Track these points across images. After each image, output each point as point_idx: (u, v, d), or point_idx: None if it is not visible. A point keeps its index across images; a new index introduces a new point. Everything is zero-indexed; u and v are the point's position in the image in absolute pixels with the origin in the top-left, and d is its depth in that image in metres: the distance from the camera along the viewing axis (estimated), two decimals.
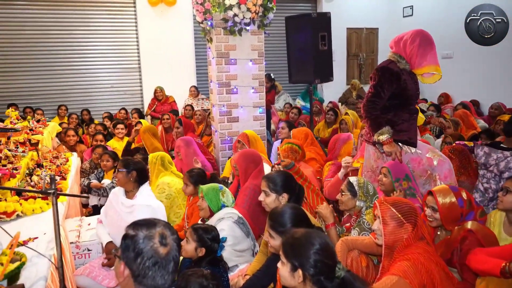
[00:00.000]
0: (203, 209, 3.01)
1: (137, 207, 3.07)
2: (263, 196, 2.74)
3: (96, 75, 8.67)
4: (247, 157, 3.64)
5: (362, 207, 2.87)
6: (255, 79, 5.32)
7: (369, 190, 2.92)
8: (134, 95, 8.95)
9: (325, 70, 5.69)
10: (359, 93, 9.43)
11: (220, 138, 5.33)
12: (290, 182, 2.75)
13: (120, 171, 3.14)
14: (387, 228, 2.19)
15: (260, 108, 5.39)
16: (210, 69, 5.46)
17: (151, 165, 4.01)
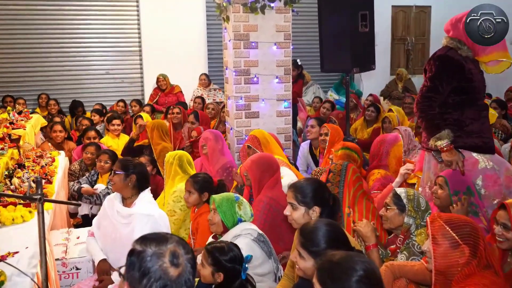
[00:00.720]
0: (214, 224, 2.99)
1: (135, 216, 3.08)
2: (290, 209, 2.72)
3: (88, 60, 8.82)
4: (261, 164, 3.63)
5: (411, 224, 2.84)
6: (280, 67, 5.31)
7: (420, 204, 2.87)
8: (133, 84, 9.07)
9: (365, 57, 5.63)
10: (406, 85, 9.33)
11: (236, 138, 5.34)
12: (323, 192, 2.72)
13: (117, 174, 3.16)
14: (438, 250, 2.16)
15: (285, 102, 5.39)
16: (226, 54, 5.47)
17: (167, 165, 4.06)
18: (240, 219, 2.97)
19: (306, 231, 2.23)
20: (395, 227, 2.90)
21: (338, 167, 3.37)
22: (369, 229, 2.88)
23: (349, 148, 4.07)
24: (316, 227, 2.21)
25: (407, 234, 2.85)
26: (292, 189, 2.74)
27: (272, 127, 5.32)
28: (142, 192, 3.22)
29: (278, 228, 3.45)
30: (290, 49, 5.34)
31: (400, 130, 4.88)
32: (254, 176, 3.56)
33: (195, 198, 3.55)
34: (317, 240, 2.17)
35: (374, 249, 2.84)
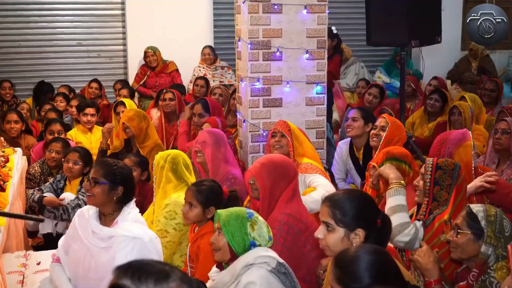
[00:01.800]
0: (219, 249, 2.99)
1: (118, 239, 3.10)
2: (323, 231, 2.69)
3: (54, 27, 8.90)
4: (274, 168, 3.59)
5: (490, 255, 2.81)
6: (312, 38, 5.29)
7: (504, 229, 2.83)
8: (114, 60, 9.13)
9: (427, 26, 5.58)
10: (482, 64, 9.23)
11: (250, 133, 5.34)
12: (369, 210, 2.71)
13: (100, 184, 3.17)
14: None
15: (318, 86, 5.37)
16: (239, 20, 5.47)
17: (157, 169, 4.07)
18: (254, 242, 2.96)
19: (344, 262, 2.21)
20: (468, 257, 2.88)
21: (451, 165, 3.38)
22: (430, 259, 2.86)
23: (395, 158, 3.97)
24: (357, 256, 2.19)
25: (483, 267, 2.82)
26: (328, 203, 2.71)
27: (300, 120, 5.31)
28: (126, 205, 3.24)
29: (300, 254, 3.46)
30: (326, 14, 5.32)
31: (509, 123, 4.74)
32: (264, 185, 3.55)
33: (197, 213, 3.56)
34: (359, 274, 2.15)
35: (436, 286, 2.82)
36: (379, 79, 9.19)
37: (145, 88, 8.44)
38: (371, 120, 5.22)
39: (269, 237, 3.04)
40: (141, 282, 1.52)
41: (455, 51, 9.95)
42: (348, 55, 8.94)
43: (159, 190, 4.05)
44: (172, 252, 3.89)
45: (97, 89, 8.10)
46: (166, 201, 3.94)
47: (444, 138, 4.26)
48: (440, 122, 6.38)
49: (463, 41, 10.20)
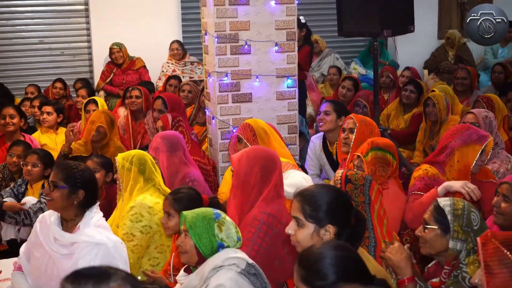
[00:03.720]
0: (186, 252, 2.99)
1: (80, 246, 3.09)
2: (294, 227, 2.71)
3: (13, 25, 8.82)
4: (255, 159, 3.60)
5: (460, 251, 2.84)
6: (281, 29, 5.30)
7: (472, 222, 2.87)
8: (78, 57, 9.07)
9: (400, 15, 5.61)
10: (459, 53, 9.33)
11: (220, 130, 5.34)
12: (343, 205, 2.72)
13: (59, 188, 3.15)
14: (494, 282, 2.16)
15: (288, 79, 5.38)
16: (205, 13, 5.47)
17: (122, 171, 4.03)
18: (222, 244, 2.97)
19: (308, 260, 2.22)
20: (436, 252, 2.91)
21: (361, 179, 3.36)
22: (403, 256, 2.87)
23: (380, 148, 4.01)
24: (321, 254, 2.21)
25: (455, 263, 2.86)
26: (299, 198, 2.73)
27: (271, 115, 5.32)
28: (88, 210, 3.23)
29: (277, 256, 3.46)
30: (295, 5, 5.33)
31: (477, 116, 4.77)
32: (238, 170, 3.57)
33: (176, 223, 3.54)
34: (324, 271, 2.17)
35: (409, 284, 2.83)
36: (355, 71, 9.26)
37: (111, 86, 8.40)
38: (344, 114, 5.23)
39: (238, 237, 3.04)
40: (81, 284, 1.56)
41: (431, 40, 10.05)
42: (322, 47, 8.98)
43: (125, 193, 4.03)
44: (140, 256, 3.87)
45: (62, 89, 8.01)
46: (131, 204, 3.91)
47: (461, 129, 4.21)
48: (416, 113, 6.45)
49: (439, 30, 10.29)
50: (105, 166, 4.74)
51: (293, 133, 5.53)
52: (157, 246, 3.91)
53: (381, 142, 4.08)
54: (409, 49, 9.60)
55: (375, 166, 3.94)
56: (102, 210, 3.42)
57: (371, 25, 5.47)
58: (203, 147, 5.89)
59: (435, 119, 5.84)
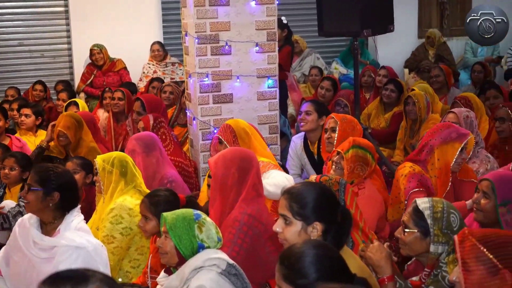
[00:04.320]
0: (166, 253, 2.99)
1: (60, 249, 3.08)
2: (281, 224, 2.72)
3: None
4: (231, 160, 3.60)
5: (442, 253, 2.86)
6: (261, 30, 5.31)
7: (451, 224, 2.88)
8: (58, 60, 9.02)
9: (380, 14, 5.65)
10: (439, 52, 9.39)
11: (201, 131, 5.34)
12: (329, 203, 2.75)
13: (33, 190, 3.15)
14: (471, 278, 2.18)
15: (269, 79, 5.39)
16: (185, 14, 5.46)
17: (102, 174, 4.01)
18: (202, 245, 2.97)
19: (289, 259, 2.23)
20: (416, 254, 2.94)
21: (335, 185, 3.37)
22: (383, 255, 2.88)
23: (361, 146, 4.04)
24: (302, 252, 2.22)
25: (435, 264, 2.88)
26: (287, 195, 2.75)
27: (252, 115, 5.33)
28: (68, 213, 3.21)
29: (258, 256, 3.47)
30: (275, 6, 5.34)
31: (458, 115, 4.78)
32: (215, 173, 3.57)
33: (153, 225, 3.54)
34: (304, 270, 2.18)
35: (389, 283, 2.84)
36: (336, 70, 9.29)
37: (92, 88, 8.37)
38: (325, 113, 5.26)
39: (218, 238, 3.05)
40: (59, 287, 1.55)
41: (412, 39, 10.11)
42: (302, 47, 9.00)
43: (106, 196, 4.02)
44: (120, 258, 3.86)
45: (42, 91, 7.98)
46: (111, 206, 3.90)
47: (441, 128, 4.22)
48: (396, 112, 6.47)
49: (419, 29, 10.36)
50: (85, 168, 4.71)
51: (274, 133, 5.54)
52: (138, 247, 3.91)
53: (363, 142, 4.13)
54: (389, 48, 9.66)
55: (354, 164, 3.97)
56: (82, 212, 3.41)
57: (351, 25, 5.50)
58: (184, 148, 5.88)
59: (415, 117, 5.86)
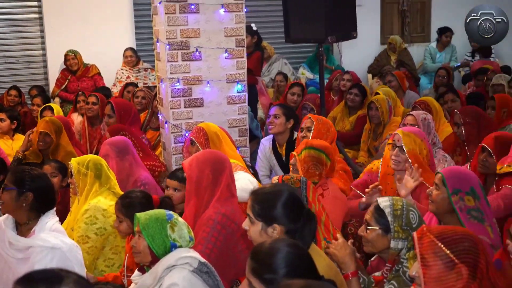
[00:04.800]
0: (140, 253, 2.99)
1: (35, 250, 3.06)
2: (247, 223, 2.77)
3: None
4: (209, 163, 3.61)
5: (401, 249, 2.89)
6: (230, 37, 5.33)
7: (411, 221, 2.92)
8: (33, 65, 8.91)
9: (344, 22, 5.71)
10: (401, 58, 9.49)
11: (173, 134, 5.33)
12: (292, 205, 2.76)
13: (7, 190, 3.15)
14: (429, 273, 2.22)
15: (238, 84, 5.41)
16: (156, 21, 5.45)
17: (77, 176, 3.99)
18: (175, 244, 2.97)
19: (260, 253, 2.27)
20: (379, 251, 2.97)
21: (297, 183, 3.38)
22: (347, 252, 2.93)
23: (314, 147, 4.07)
24: (274, 248, 2.25)
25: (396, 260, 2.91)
26: (252, 196, 2.79)
27: (222, 119, 5.34)
28: (44, 215, 3.21)
29: (231, 254, 3.47)
30: (243, 13, 5.35)
31: (416, 118, 4.86)
32: (190, 175, 3.57)
33: (126, 226, 3.53)
34: (275, 265, 2.20)
35: (353, 278, 2.89)
36: (303, 75, 9.34)
37: (66, 93, 8.28)
38: (292, 117, 5.32)
39: (190, 237, 3.05)
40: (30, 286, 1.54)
41: (374, 46, 10.19)
42: (270, 52, 9.02)
43: (81, 197, 4.00)
44: (95, 257, 3.85)
45: (17, 96, 7.83)
46: (86, 207, 3.89)
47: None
48: (360, 115, 6.51)
49: (382, 36, 10.46)
50: (62, 171, 4.71)
51: (243, 136, 5.56)
52: (112, 247, 3.89)
53: (316, 143, 4.15)
54: (354, 54, 9.75)
55: (307, 164, 3.99)
56: (57, 213, 3.40)
57: (316, 31, 5.57)
58: (157, 151, 5.86)
59: (378, 121, 5.92)
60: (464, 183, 3.17)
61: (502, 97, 5.99)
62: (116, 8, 8.83)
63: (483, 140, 4.18)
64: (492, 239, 3.06)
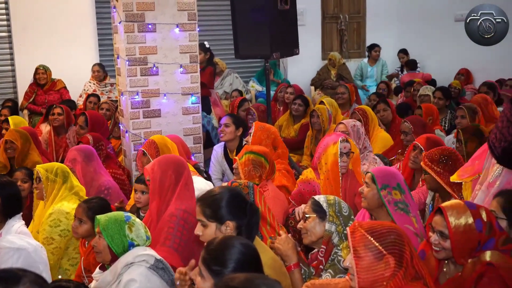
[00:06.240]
0: (100, 252, 2.97)
1: (2, 251, 3.02)
2: (200, 228, 2.77)
3: None
4: (170, 164, 3.61)
5: (333, 232, 2.96)
6: (185, 53, 5.34)
7: (342, 209, 3.02)
8: (3, 80, 8.73)
9: (287, 40, 5.78)
10: (340, 72, 9.62)
11: (133, 143, 5.30)
12: (238, 202, 2.79)
13: None
14: (361, 264, 2.26)
15: (192, 96, 5.42)
16: (116, 39, 5.42)
17: (46, 183, 3.92)
18: (132, 243, 2.95)
19: (213, 246, 2.29)
20: (317, 239, 3.00)
21: (245, 189, 3.39)
22: (289, 246, 2.96)
23: (254, 152, 4.09)
24: (227, 244, 2.27)
25: (329, 245, 2.97)
26: (199, 202, 2.81)
27: (178, 128, 5.34)
28: (11, 219, 3.21)
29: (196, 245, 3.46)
30: (196, 32, 5.38)
31: (346, 125, 4.90)
32: (154, 177, 3.55)
33: (86, 228, 3.51)
34: (225, 259, 2.23)
35: (295, 269, 2.92)
36: (253, 88, 9.37)
37: (34, 105, 8.13)
38: (241, 125, 5.37)
39: (147, 236, 3.04)
40: None
41: (316, 61, 10.31)
42: (222, 67, 9.03)
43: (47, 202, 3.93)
44: (59, 258, 3.80)
45: None
46: (50, 211, 3.84)
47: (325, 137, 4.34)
48: (304, 123, 6.55)
49: (323, 52, 10.59)
50: (32, 178, 4.59)
51: (198, 143, 5.58)
52: (76, 247, 3.84)
53: (256, 148, 4.18)
54: (298, 68, 9.85)
55: (248, 166, 4.01)
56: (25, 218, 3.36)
57: (262, 48, 5.61)
58: (119, 158, 5.81)
59: (319, 128, 5.97)
60: (391, 179, 3.24)
61: (428, 106, 6.15)
62: (81, 27, 8.72)
63: (416, 139, 4.29)
64: (416, 228, 3.14)
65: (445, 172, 3.62)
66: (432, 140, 4.21)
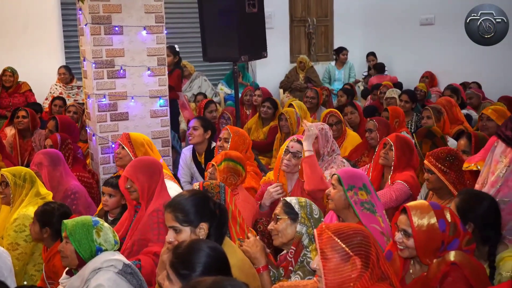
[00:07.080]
0: (67, 257, 2.92)
1: None
2: (173, 234, 2.75)
3: None
4: (146, 167, 3.62)
5: (303, 234, 2.98)
6: (152, 56, 5.31)
7: (313, 211, 3.04)
8: None
9: (255, 43, 5.81)
10: (308, 74, 9.69)
11: (100, 145, 5.24)
12: (208, 203, 2.81)
13: None
14: (328, 265, 2.28)
15: (160, 99, 5.40)
16: (83, 41, 5.35)
17: (14, 188, 3.87)
18: (100, 248, 2.92)
19: (180, 250, 2.28)
20: (288, 241, 3.02)
21: (216, 188, 3.43)
22: (258, 248, 2.98)
23: (232, 159, 4.10)
24: (195, 248, 2.27)
25: (299, 246, 2.99)
26: (169, 209, 2.79)
27: (146, 131, 5.29)
28: None
29: None
30: (164, 35, 5.35)
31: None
32: (142, 184, 3.56)
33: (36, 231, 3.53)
34: (193, 263, 2.23)
35: (264, 272, 2.94)
36: (222, 91, 9.38)
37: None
38: (210, 128, 5.35)
39: (115, 241, 3.00)
40: None
41: (285, 64, 10.37)
42: (191, 70, 9.02)
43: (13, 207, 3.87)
44: (25, 263, 3.76)
45: None
46: (15, 216, 3.79)
47: None
48: (273, 126, 6.58)
49: (291, 55, 10.66)
50: None
51: (166, 146, 5.54)
52: (41, 252, 3.78)
53: (234, 155, 4.18)
54: (266, 71, 9.89)
55: (226, 174, 4.01)
56: None
57: (231, 51, 5.64)
58: (88, 161, 5.74)
59: (288, 131, 6.00)
60: (357, 180, 3.28)
61: (394, 109, 6.23)
62: (47, 29, 8.63)
63: (387, 136, 4.38)
64: (383, 228, 3.18)
65: (451, 171, 3.67)
66: (402, 137, 4.31)
